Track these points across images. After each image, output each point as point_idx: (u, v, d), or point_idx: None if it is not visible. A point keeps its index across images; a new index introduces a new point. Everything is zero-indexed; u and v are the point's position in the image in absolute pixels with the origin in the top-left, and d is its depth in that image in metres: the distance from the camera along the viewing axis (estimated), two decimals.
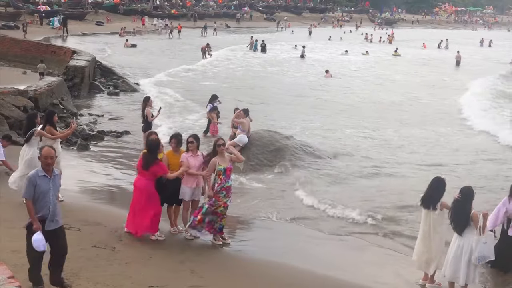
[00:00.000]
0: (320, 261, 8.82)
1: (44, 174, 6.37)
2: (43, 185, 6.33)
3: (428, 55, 47.77)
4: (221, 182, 8.61)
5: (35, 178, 6.34)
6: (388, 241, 9.69)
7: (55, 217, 6.42)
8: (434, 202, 7.78)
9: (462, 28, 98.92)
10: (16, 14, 46.53)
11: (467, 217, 7.43)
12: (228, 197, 8.73)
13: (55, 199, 6.48)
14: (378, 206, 11.10)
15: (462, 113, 22.60)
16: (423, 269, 8.06)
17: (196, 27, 61.24)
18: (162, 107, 17.40)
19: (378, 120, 20.48)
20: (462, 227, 7.45)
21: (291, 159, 13.76)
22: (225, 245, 8.90)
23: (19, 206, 9.26)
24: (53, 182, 6.44)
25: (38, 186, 6.30)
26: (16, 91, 15.97)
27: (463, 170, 14.14)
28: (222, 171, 8.61)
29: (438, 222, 7.82)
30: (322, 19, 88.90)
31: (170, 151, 9.13)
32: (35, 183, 6.30)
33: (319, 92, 26.88)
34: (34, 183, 6.30)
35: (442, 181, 7.90)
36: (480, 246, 7.33)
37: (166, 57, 37.42)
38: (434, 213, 7.80)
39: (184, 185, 8.90)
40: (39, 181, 6.33)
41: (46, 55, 28.30)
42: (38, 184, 6.30)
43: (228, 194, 8.71)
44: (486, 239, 7.37)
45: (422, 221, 7.97)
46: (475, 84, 31.15)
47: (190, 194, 8.93)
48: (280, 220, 10.43)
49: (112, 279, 7.00)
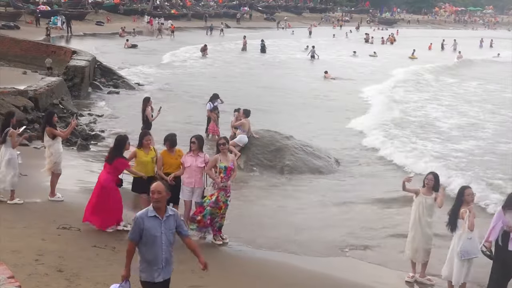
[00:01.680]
0: (321, 260, 8.83)
1: (154, 215, 5.30)
2: (152, 228, 5.26)
3: (443, 58, 45.61)
4: (221, 180, 8.66)
5: (142, 219, 5.27)
6: (388, 241, 9.70)
7: (166, 266, 5.43)
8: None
9: (462, 28, 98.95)
10: (16, 14, 46.50)
11: (456, 215, 7.44)
12: (227, 197, 8.79)
13: (169, 245, 5.39)
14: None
15: None
16: (412, 258, 8.17)
17: (197, 27, 61.27)
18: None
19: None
20: (453, 225, 7.47)
21: (291, 159, 13.78)
22: (224, 245, 8.91)
23: (19, 206, 9.30)
24: (165, 225, 5.32)
25: (147, 229, 5.23)
26: (16, 91, 15.97)
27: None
28: (223, 169, 8.67)
29: (431, 210, 8.00)
30: (322, 19, 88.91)
31: (165, 151, 9.22)
32: (142, 225, 5.25)
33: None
34: (140, 226, 5.25)
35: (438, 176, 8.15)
36: (464, 241, 7.31)
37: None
38: (429, 198, 7.95)
39: (183, 185, 8.99)
40: (148, 223, 5.25)
41: (46, 55, 28.28)
42: (146, 227, 5.23)
43: (226, 194, 8.77)
44: (472, 235, 7.33)
45: (413, 210, 8.14)
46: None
47: (189, 194, 8.98)
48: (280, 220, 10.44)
49: (112, 279, 6.96)
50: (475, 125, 20.76)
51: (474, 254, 7.36)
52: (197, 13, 72.06)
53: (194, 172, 8.90)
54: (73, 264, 7.14)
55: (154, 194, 5.29)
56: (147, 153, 9.14)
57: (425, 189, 8.06)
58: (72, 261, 7.26)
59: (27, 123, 14.88)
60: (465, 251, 7.30)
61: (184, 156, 9.03)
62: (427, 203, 7.98)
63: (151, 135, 9.52)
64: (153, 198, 5.30)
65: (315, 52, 40.64)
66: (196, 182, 8.94)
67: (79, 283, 6.74)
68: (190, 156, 8.95)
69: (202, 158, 8.94)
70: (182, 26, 61.08)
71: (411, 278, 8.19)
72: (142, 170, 9.08)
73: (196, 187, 8.98)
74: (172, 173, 8.95)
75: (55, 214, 9.12)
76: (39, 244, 7.70)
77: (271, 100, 23.75)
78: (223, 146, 8.80)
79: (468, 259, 7.33)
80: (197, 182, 8.96)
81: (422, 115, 22.14)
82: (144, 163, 9.09)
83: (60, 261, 7.22)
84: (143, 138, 9.22)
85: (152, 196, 5.30)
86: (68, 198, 10.03)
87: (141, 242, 5.29)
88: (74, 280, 6.77)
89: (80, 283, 6.75)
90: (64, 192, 10.03)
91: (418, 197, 8.05)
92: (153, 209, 5.31)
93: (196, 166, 8.88)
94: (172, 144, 9.18)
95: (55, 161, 9.88)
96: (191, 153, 8.98)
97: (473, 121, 21.54)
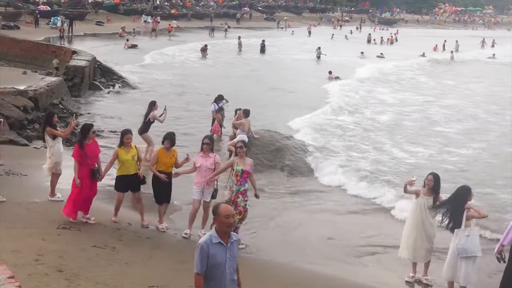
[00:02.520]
0: (321, 260, 8.83)
1: (220, 241, 4.90)
2: (218, 255, 4.88)
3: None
4: (237, 183, 8.75)
5: (207, 246, 4.87)
6: (388, 240, 9.71)
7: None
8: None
9: (462, 28, 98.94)
10: (16, 14, 46.47)
11: (461, 213, 7.43)
12: (245, 201, 8.89)
13: (233, 273, 4.99)
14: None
15: None
16: (412, 258, 8.15)
17: (197, 27, 61.25)
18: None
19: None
20: (458, 223, 7.46)
21: (291, 159, 13.78)
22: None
23: (19, 206, 9.29)
24: (230, 251, 4.95)
25: (212, 256, 4.85)
26: (16, 91, 15.96)
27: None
28: (239, 172, 8.75)
29: (430, 212, 7.99)
30: (322, 19, 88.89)
31: (162, 149, 9.30)
32: (208, 252, 4.86)
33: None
34: (206, 253, 4.86)
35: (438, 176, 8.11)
36: (461, 237, 7.32)
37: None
38: (430, 198, 7.95)
39: (194, 185, 9.15)
40: (213, 250, 4.87)
41: (46, 55, 28.29)
42: (211, 253, 4.85)
43: (244, 198, 8.86)
44: (469, 232, 7.35)
45: (414, 211, 8.12)
46: None
47: (199, 193, 9.10)
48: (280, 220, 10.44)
49: (112, 279, 6.99)
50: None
51: (472, 252, 7.35)
52: (197, 13, 72.06)
53: (205, 172, 9.00)
54: (73, 264, 7.13)
55: (229, 219, 4.89)
56: (128, 152, 9.19)
57: (426, 190, 8.05)
58: (72, 261, 7.26)
59: (27, 123, 14.91)
60: (463, 248, 7.31)
61: (195, 156, 9.17)
62: (428, 203, 7.97)
63: (131, 134, 9.51)
64: (228, 223, 4.88)
65: (321, 52, 40.53)
66: (205, 182, 9.03)
67: (79, 283, 6.74)
68: (201, 157, 9.06)
69: (213, 158, 9.05)
70: (182, 26, 61.05)
71: (411, 278, 8.19)
72: (124, 169, 9.17)
73: (206, 187, 9.07)
74: (165, 171, 9.12)
75: (55, 214, 9.12)
76: (39, 244, 7.70)
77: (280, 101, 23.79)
78: (240, 149, 8.88)
79: (471, 258, 7.33)
80: (206, 182, 9.04)
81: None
82: (126, 162, 9.16)
83: (60, 261, 7.21)
84: (124, 137, 9.28)
85: (228, 220, 4.88)
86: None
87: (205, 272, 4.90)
88: (74, 280, 6.76)
89: (80, 283, 6.74)
90: (64, 192, 10.01)
91: (419, 198, 8.04)
92: (217, 235, 4.89)
93: (206, 167, 9.00)
94: (172, 143, 9.27)
95: (56, 161, 9.88)
96: (202, 153, 9.07)
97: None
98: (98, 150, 9.30)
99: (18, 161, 11.54)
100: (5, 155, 11.40)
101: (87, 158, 8.89)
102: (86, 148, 8.95)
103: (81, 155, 8.90)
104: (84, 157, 8.89)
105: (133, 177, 9.18)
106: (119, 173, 9.24)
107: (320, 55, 40.09)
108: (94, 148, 9.13)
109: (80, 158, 8.92)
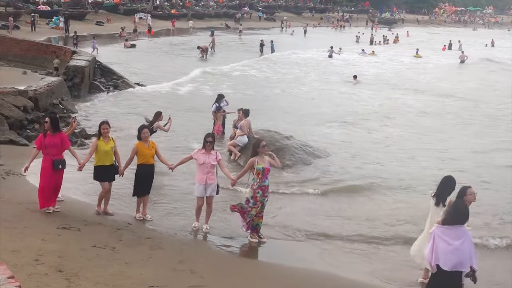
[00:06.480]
0: (321, 260, 8.83)
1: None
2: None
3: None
4: (259, 181, 8.90)
5: None
6: (388, 240, 9.71)
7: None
8: (443, 199, 7.91)
9: (462, 28, 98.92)
10: (16, 14, 46.40)
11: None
12: (264, 196, 9.01)
13: None
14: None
15: None
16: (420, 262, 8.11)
17: (198, 27, 61.23)
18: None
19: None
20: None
21: (291, 159, 13.77)
22: (261, 243, 9.10)
23: (19, 206, 9.30)
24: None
25: None
26: (16, 91, 15.97)
27: None
28: (260, 170, 8.90)
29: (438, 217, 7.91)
30: (322, 19, 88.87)
31: (140, 142, 9.55)
32: None
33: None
34: None
35: (453, 180, 7.95)
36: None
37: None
38: (440, 209, 7.87)
39: (196, 182, 9.33)
40: None
41: (46, 55, 28.29)
42: None
43: (264, 193, 8.99)
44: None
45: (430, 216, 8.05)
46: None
47: (202, 191, 9.25)
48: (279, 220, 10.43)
49: (112, 279, 6.99)
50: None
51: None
52: (197, 13, 72.06)
53: (207, 169, 9.20)
54: (73, 264, 7.13)
55: None
56: (107, 143, 9.43)
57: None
58: (72, 261, 7.26)
59: (27, 123, 14.91)
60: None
61: (197, 153, 9.34)
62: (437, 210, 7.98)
63: (108, 124, 9.69)
64: None
65: (334, 52, 40.31)
66: (208, 178, 9.22)
67: (79, 283, 6.73)
68: (203, 154, 9.25)
69: (214, 155, 9.27)
70: (182, 26, 61.03)
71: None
72: (103, 159, 9.39)
73: (209, 183, 9.24)
74: (146, 163, 9.45)
75: (55, 214, 9.15)
76: (39, 244, 7.70)
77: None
78: (262, 148, 9.02)
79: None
80: (209, 178, 9.23)
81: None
82: (105, 152, 9.38)
83: (60, 261, 7.21)
84: (100, 127, 9.52)
85: None
86: (68, 198, 10.03)
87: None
88: (74, 280, 6.76)
89: (80, 283, 6.74)
90: (63, 192, 10.01)
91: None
92: None
93: (210, 163, 9.20)
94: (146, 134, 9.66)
95: None
96: (204, 150, 9.25)
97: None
98: (65, 143, 9.39)
99: (18, 161, 11.53)
100: (5, 155, 11.41)
101: (46, 148, 9.14)
102: (47, 139, 9.19)
103: (41, 144, 9.22)
104: (44, 148, 9.18)
105: (109, 168, 9.47)
106: (96, 164, 9.49)
107: (332, 54, 39.98)
108: (56, 141, 9.24)
109: (39, 146, 9.28)
